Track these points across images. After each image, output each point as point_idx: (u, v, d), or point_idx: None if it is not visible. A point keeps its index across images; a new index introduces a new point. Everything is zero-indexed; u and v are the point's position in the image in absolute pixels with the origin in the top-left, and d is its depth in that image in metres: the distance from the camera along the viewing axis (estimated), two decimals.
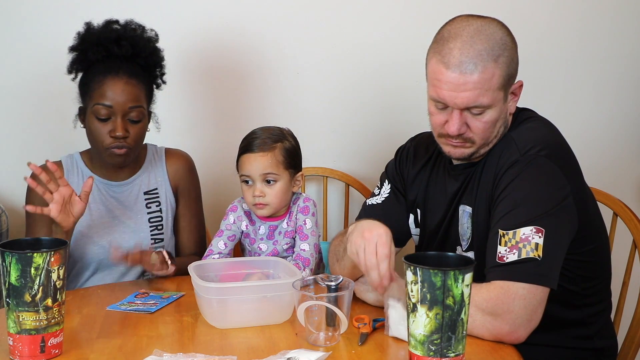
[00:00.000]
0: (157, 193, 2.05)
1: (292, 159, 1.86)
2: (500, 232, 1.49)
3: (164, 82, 2.04)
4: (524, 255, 1.45)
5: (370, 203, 1.87)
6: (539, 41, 2.55)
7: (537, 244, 1.46)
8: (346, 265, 1.71)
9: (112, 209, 2.01)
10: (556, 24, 2.59)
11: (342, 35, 2.51)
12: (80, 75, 1.97)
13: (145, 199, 2.04)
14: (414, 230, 1.84)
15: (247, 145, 1.86)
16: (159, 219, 2.04)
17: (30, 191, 1.98)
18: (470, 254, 1.65)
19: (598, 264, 1.69)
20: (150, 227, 2.02)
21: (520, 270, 1.45)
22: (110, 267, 2.00)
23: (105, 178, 2.02)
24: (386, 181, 1.88)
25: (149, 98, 1.99)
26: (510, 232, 1.48)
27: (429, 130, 1.73)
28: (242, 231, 1.92)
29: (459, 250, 1.69)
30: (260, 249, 1.90)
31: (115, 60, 1.92)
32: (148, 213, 2.03)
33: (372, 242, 1.48)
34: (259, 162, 1.82)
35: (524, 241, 1.46)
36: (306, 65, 2.51)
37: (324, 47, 2.51)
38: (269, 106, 2.50)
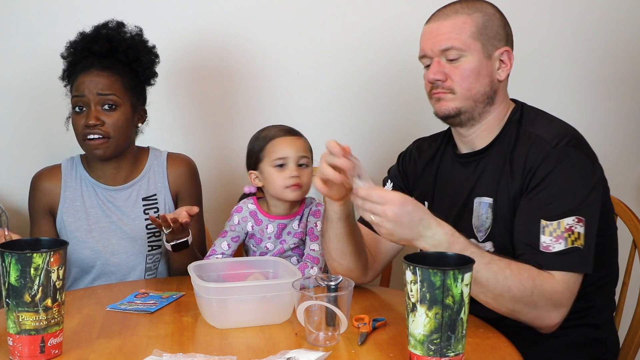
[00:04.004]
0: (155, 199, 2.04)
1: (311, 151, 1.91)
2: (543, 222, 1.54)
3: (151, 76, 2.03)
4: (569, 245, 1.52)
5: None
6: (537, 41, 2.55)
7: (579, 233, 1.53)
8: (330, 236, 1.71)
9: (110, 214, 2.00)
10: (555, 23, 2.59)
11: (342, 35, 2.51)
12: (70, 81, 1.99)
13: (144, 205, 2.02)
14: None
15: (278, 131, 1.89)
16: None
17: (30, 200, 2.02)
18: (488, 245, 1.66)
19: (608, 250, 1.73)
20: (148, 234, 2.01)
21: (571, 261, 1.52)
22: (108, 275, 2.00)
23: (103, 182, 2.02)
24: (388, 181, 1.92)
25: (131, 90, 1.98)
26: (555, 223, 1.53)
27: (429, 135, 1.80)
28: (247, 232, 1.93)
29: (473, 242, 1.68)
30: (267, 248, 1.91)
31: (91, 57, 1.94)
32: (146, 220, 2.02)
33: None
34: (297, 144, 1.88)
35: (568, 231, 1.53)
36: (306, 65, 2.51)
37: (324, 47, 2.51)
38: (270, 106, 2.50)
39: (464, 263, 1.25)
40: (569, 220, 1.53)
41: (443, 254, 1.32)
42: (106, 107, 1.91)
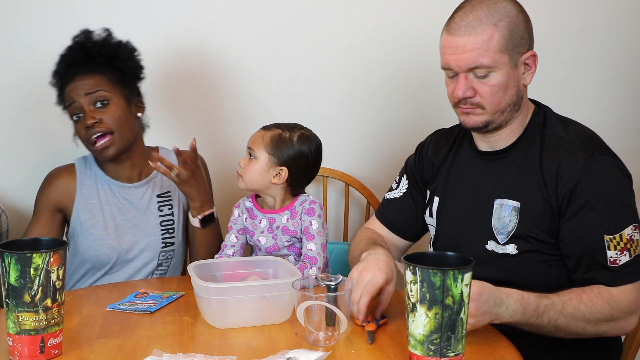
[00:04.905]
0: (169, 196, 2.06)
1: (277, 148, 1.88)
2: (606, 237, 1.57)
3: (135, 67, 2.03)
4: (633, 254, 1.57)
5: (388, 197, 1.94)
6: (537, 40, 2.54)
7: (638, 240, 1.59)
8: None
9: (125, 211, 2.01)
10: (555, 23, 2.59)
11: (342, 36, 2.51)
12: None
13: (158, 202, 2.04)
14: (430, 220, 1.85)
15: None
16: (171, 222, 2.04)
17: (38, 194, 2.01)
18: (510, 247, 1.66)
19: None
20: (162, 230, 2.02)
21: (636, 271, 1.58)
22: (119, 271, 2.01)
23: (118, 180, 2.03)
24: (404, 176, 1.93)
25: (118, 84, 1.98)
26: (617, 236, 1.57)
27: (447, 127, 1.82)
28: (244, 225, 1.96)
29: (492, 244, 1.68)
30: (259, 241, 1.93)
31: (71, 67, 1.96)
32: (160, 216, 2.03)
33: (364, 281, 1.54)
34: (252, 136, 1.92)
35: (630, 241, 1.57)
36: (306, 66, 2.51)
37: (324, 48, 2.51)
38: (271, 107, 2.50)
39: (463, 263, 1.25)
40: (628, 231, 1.57)
41: (443, 254, 1.31)
42: (98, 104, 1.93)
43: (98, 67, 1.96)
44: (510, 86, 1.64)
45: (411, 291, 1.23)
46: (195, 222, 1.96)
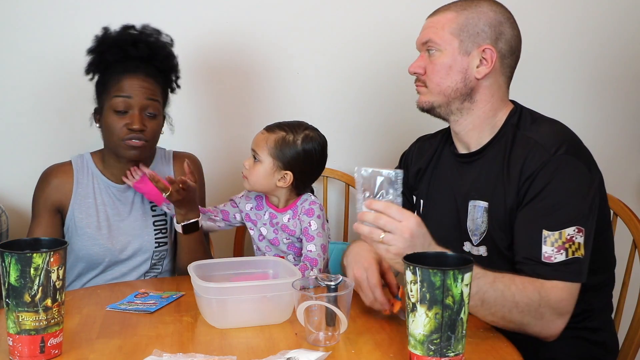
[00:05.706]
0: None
1: (281, 152, 1.88)
2: (545, 232, 1.54)
3: (178, 87, 2.05)
4: (570, 256, 1.53)
5: None
6: (536, 40, 2.55)
7: (579, 244, 1.54)
8: None
9: (119, 212, 2.02)
10: (552, 23, 2.59)
11: (343, 35, 2.51)
12: (97, 76, 1.98)
13: (151, 202, 2.04)
14: None
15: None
16: (164, 222, 2.04)
17: (36, 194, 2.00)
18: (482, 249, 1.66)
19: (605, 254, 1.73)
20: (155, 230, 2.03)
21: (572, 271, 1.54)
22: (113, 270, 2.01)
23: (115, 181, 2.03)
24: None
25: (164, 99, 2.00)
26: (556, 233, 1.54)
27: (432, 132, 1.84)
28: (245, 212, 1.99)
29: (467, 245, 1.69)
30: (261, 232, 1.96)
31: (134, 60, 1.93)
32: (153, 217, 2.03)
33: (364, 280, 1.55)
34: (255, 138, 1.92)
35: (569, 242, 1.53)
36: (306, 65, 2.51)
37: (325, 47, 2.51)
38: (271, 106, 2.50)
39: (463, 263, 1.25)
40: (569, 231, 1.54)
41: (443, 254, 1.32)
42: (147, 113, 1.92)
43: (158, 74, 1.96)
44: (455, 70, 1.66)
45: (411, 291, 1.23)
46: (178, 227, 1.95)
